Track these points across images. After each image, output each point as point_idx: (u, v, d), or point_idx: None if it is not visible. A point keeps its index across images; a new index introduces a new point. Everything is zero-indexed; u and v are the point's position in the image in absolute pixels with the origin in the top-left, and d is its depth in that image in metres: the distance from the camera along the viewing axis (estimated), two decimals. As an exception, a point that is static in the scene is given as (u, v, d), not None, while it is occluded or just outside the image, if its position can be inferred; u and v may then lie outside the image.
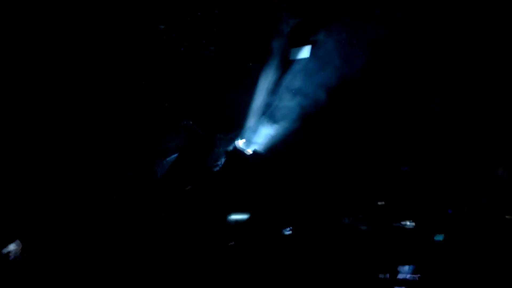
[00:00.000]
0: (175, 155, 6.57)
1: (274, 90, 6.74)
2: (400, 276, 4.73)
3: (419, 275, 4.63)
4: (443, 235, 5.16)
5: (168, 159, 6.67)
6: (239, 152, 6.39)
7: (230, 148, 6.58)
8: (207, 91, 6.94)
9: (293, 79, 6.58)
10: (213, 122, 6.99)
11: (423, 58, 6.26)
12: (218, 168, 6.41)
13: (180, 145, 6.57)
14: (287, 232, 5.31)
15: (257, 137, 6.76)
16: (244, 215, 5.68)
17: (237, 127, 7.00)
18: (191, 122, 6.82)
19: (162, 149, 6.78)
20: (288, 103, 6.60)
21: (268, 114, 6.77)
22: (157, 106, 6.69)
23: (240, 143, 6.75)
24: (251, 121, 6.84)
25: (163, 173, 6.35)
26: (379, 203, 5.62)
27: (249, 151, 6.56)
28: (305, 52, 6.56)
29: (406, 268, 4.76)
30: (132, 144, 6.41)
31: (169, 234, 5.38)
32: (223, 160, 6.48)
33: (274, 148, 6.50)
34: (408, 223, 5.33)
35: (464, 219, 5.31)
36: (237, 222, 5.65)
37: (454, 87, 6.18)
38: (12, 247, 4.64)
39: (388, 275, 4.75)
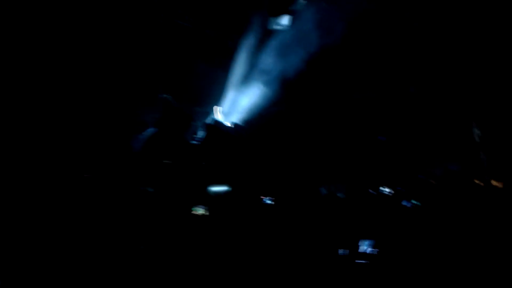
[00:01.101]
0: (152, 129, 6.41)
1: (253, 61, 6.64)
2: (360, 250, 4.82)
3: (378, 249, 4.72)
4: (415, 201, 5.31)
5: (144, 133, 6.50)
6: (217, 124, 6.30)
7: (209, 120, 6.48)
8: (184, 63, 6.77)
9: (273, 49, 6.49)
10: (191, 95, 6.86)
11: (402, 32, 6.30)
12: (196, 142, 6.31)
13: (157, 119, 6.40)
14: (268, 201, 5.32)
15: (236, 109, 6.68)
16: (225, 187, 5.65)
17: (215, 100, 6.89)
18: (167, 95, 6.66)
19: (138, 123, 6.61)
20: (268, 74, 6.53)
21: (247, 85, 6.68)
22: (131, 79, 6.49)
23: (218, 115, 6.66)
24: (229, 93, 6.74)
25: (140, 148, 6.20)
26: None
27: (228, 123, 6.48)
28: (284, 21, 6.46)
29: (366, 242, 4.86)
30: (106, 119, 6.21)
31: (150, 210, 5.28)
32: (201, 133, 6.38)
33: (254, 120, 6.46)
34: (387, 189, 5.44)
35: (435, 184, 5.49)
36: (217, 194, 5.61)
37: (432, 68, 6.28)
38: None
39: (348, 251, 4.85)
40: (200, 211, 4.99)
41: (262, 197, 5.29)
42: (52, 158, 5.41)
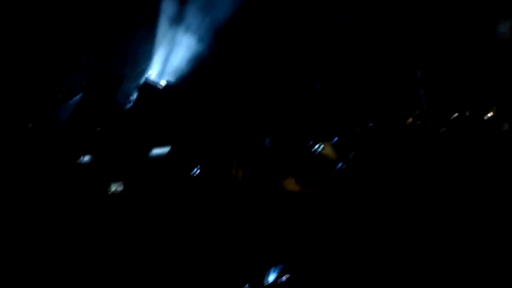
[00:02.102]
0: (80, 95, 5.96)
1: (183, 14, 6.24)
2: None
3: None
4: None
5: (72, 100, 6.05)
6: (150, 85, 5.97)
7: (141, 82, 6.12)
8: (108, 19, 6.24)
9: (202, 2, 6.10)
10: (119, 55, 6.40)
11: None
12: (130, 105, 5.98)
13: (84, 83, 5.93)
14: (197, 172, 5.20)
15: (168, 68, 6.35)
16: (164, 149, 5.46)
17: (146, 59, 6.49)
18: (93, 57, 6.17)
19: (63, 90, 6.12)
20: (199, 28, 6.19)
21: (179, 41, 6.31)
22: (52, 41, 5.90)
23: (151, 75, 6.30)
24: (160, 50, 6.36)
25: (68, 117, 5.78)
26: None
27: (162, 83, 6.17)
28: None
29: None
30: (27, 88, 5.67)
31: (87, 180, 5.00)
32: (134, 95, 6.04)
33: (188, 78, 6.19)
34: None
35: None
36: (158, 156, 5.43)
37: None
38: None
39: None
40: (114, 188, 4.79)
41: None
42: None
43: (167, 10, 6.31)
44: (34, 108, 5.56)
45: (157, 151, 5.43)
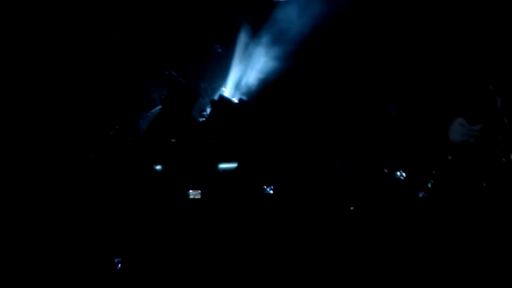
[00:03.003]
0: (159, 106, 6.37)
1: (258, 36, 6.46)
2: None
3: None
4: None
5: (152, 111, 6.49)
6: (225, 101, 6.21)
7: (216, 97, 6.39)
8: (190, 39, 6.65)
9: (277, 24, 6.27)
10: (197, 71, 6.76)
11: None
12: (204, 118, 6.25)
13: (164, 96, 6.34)
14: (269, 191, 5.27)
15: (242, 86, 6.57)
16: (233, 164, 5.61)
17: (221, 76, 6.78)
18: (173, 72, 6.59)
19: (146, 101, 6.59)
20: (273, 49, 6.35)
21: (253, 61, 6.53)
22: (137, 57, 6.41)
23: (225, 92, 6.56)
24: (236, 69, 6.61)
25: (147, 125, 6.19)
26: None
27: (235, 99, 6.39)
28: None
29: None
30: (115, 98, 6.18)
31: (158, 189, 5.29)
32: (208, 110, 6.31)
33: (260, 96, 6.34)
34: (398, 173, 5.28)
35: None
36: (225, 171, 5.59)
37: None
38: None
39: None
40: (192, 195, 5.00)
41: (264, 186, 5.24)
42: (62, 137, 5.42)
43: (243, 33, 6.59)
44: (119, 115, 6.05)
45: (225, 165, 5.61)
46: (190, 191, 5.07)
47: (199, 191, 5.08)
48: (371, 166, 5.50)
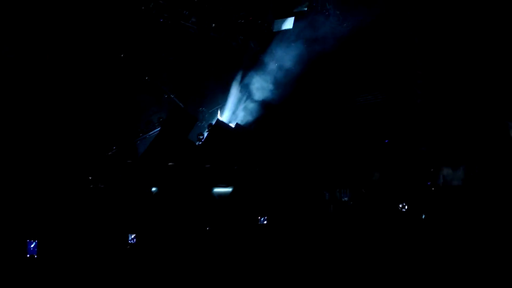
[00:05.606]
0: (158, 129, 6.48)
1: (256, 63, 6.64)
2: None
3: None
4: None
5: (150, 133, 6.58)
6: (222, 125, 6.33)
7: (213, 121, 6.52)
8: (189, 64, 6.80)
9: (276, 52, 6.47)
10: (195, 96, 6.90)
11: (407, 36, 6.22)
12: (201, 142, 6.35)
13: (162, 119, 6.46)
14: (263, 221, 5.35)
15: (239, 111, 6.71)
16: (228, 189, 5.69)
17: (219, 101, 6.92)
18: (172, 96, 6.71)
19: (144, 123, 6.69)
20: (271, 76, 6.52)
21: (251, 86, 6.69)
22: (137, 80, 6.53)
23: (223, 116, 6.69)
24: (233, 94, 6.76)
25: (145, 147, 6.27)
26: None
27: (232, 124, 6.51)
28: (288, 24, 6.44)
29: None
30: (114, 119, 6.26)
31: (154, 211, 5.33)
32: (205, 133, 6.43)
33: (257, 122, 6.47)
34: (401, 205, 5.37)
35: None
36: (220, 195, 5.66)
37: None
38: None
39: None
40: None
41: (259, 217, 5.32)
42: (60, 157, 5.48)
43: (244, 57, 6.76)
44: (118, 136, 6.12)
45: (220, 190, 5.67)
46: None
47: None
48: (364, 196, 5.59)
